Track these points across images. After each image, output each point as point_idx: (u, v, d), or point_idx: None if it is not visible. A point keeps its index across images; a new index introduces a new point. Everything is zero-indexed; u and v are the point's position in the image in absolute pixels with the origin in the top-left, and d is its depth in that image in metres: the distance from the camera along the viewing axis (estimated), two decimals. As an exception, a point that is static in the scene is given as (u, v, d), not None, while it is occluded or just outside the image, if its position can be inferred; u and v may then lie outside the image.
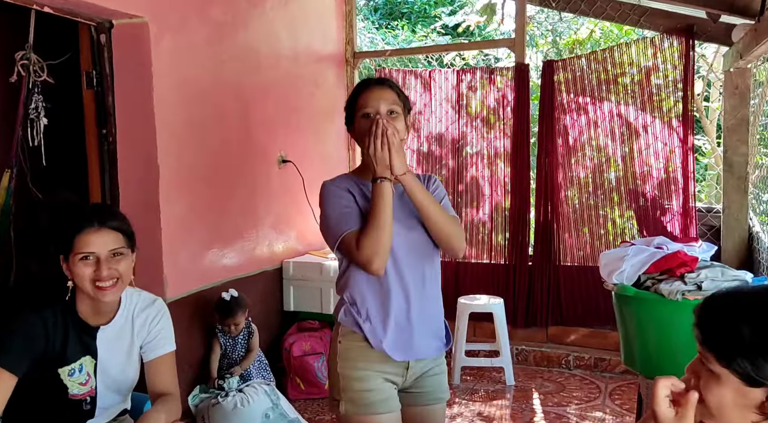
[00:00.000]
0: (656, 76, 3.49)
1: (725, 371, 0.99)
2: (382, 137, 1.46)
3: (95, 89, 2.51)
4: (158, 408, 1.53)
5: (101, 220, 1.48)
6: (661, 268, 2.15)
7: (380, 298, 1.53)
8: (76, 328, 1.54)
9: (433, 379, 1.61)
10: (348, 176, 1.67)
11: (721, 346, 1.00)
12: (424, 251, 1.57)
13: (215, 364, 2.85)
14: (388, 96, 1.54)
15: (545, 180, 3.72)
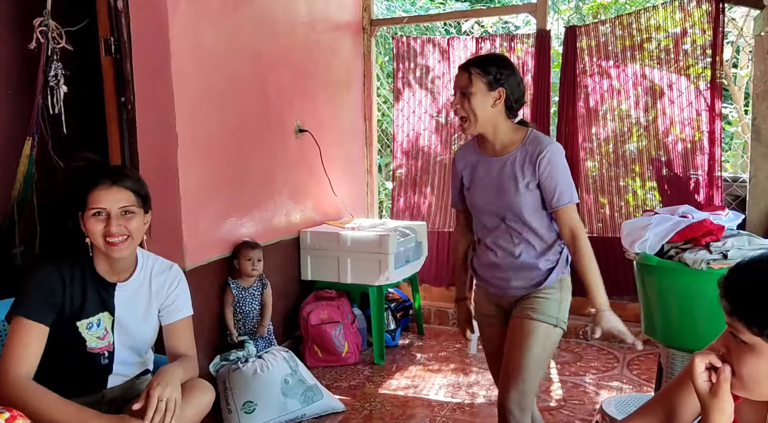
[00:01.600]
0: (684, 41, 3.38)
1: (758, 340, 0.97)
2: None
3: (113, 56, 2.50)
4: (176, 364, 1.56)
5: (114, 179, 1.52)
6: (685, 237, 2.11)
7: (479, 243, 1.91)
8: (95, 283, 1.58)
9: (527, 299, 1.80)
10: (472, 143, 1.91)
11: (754, 314, 0.97)
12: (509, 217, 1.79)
13: (230, 317, 2.86)
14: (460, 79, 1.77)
15: (565, 149, 3.64)
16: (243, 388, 2.55)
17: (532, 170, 1.75)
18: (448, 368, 3.25)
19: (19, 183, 2.68)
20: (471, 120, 1.75)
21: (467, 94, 1.73)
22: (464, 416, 2.70)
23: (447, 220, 3.96)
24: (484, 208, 1.83)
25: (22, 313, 1.47)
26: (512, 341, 1.79)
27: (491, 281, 1.88)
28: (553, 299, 1.80)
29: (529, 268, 1.80)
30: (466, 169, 1.87)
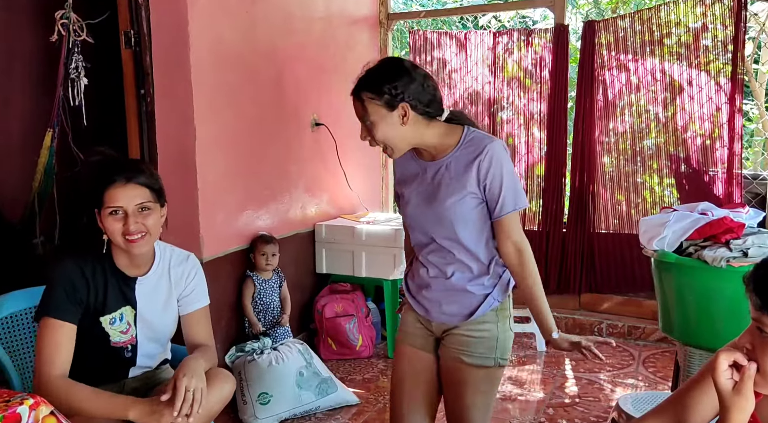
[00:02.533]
0: (704, 36, 3.34)
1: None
2: None
3: (133, 49, 2.52)
4: (197, 355, 1.58)
5: (128, 176, 1.52)
6: (705, 234, 2.09)
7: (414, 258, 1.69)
8: (116, 278, 1.59)
9: (458, 337, 1.59)
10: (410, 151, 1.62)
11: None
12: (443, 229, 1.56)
13: (249, 309, 2.87)
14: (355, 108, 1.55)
15: (582, 146, 3.63)
16: (258, 380, 2.58)
17: (472, 176, 1.50)
18: (462, 363, 3.25)
19: (39, 174, 2.72)
20: (389, 146, 1.53)
21: (369, 124, 1.51)
22: (478, 411, 2.70)
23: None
24: (416, 220, 1.61)
25: (50, 313, 1.50)
26: (451, 389, 1.62)
27: (420, 301, 1.65)
28: (489, 336, 1.57)
29: (461, 291, 1.57)
30: (403, 178, 1.66)
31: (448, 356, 1.61)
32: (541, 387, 2.95)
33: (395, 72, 1.51)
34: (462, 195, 1.52)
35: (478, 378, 1.58)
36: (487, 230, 1.57)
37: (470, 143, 1.54)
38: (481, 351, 1.57)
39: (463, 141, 1.55)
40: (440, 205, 1.54)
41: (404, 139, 1.53)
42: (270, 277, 2.95)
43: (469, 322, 1.57)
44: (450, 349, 1.61)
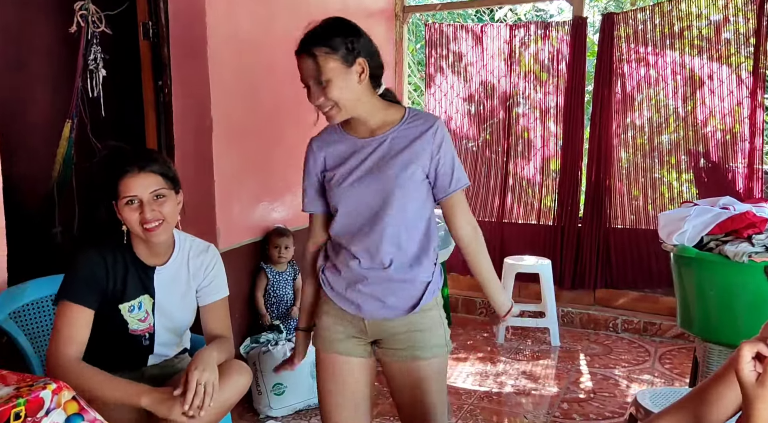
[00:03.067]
0: (726, 29, 3.28)
1: None
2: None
3: (151, 40, 2.53)
4: (212, 346, 1.58)
5: (141, 165, 1.53)
6: (726, 229, 2.06)
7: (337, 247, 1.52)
8: (135, 267, 1.60)
9: (405, 336, 1.48)
10: (334, 128, 1.54)
11: None
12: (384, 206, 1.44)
13: (261, 301, 2.88)
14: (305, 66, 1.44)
15: (598, 140, 3.59)
16: (273, 371, 2.59)
17: (423, 150, 1.43)
18: (476, 357, 3.24)
19: (58, 165, 2.75)
20: (340, 106, 1.41)
21: (323, 82, 1.39)
22: (491, 405, 2.70)
23: (478, 207, 3.94)
24: (355, 203, 1.46)
25: (69, 297, 1.51)
26: (407, 391, 1.51)
27: (351, 298, 1.48)
28: (436, 322, 1.50)
29: (402, 281, 1.46)
30: (330, 158, 1.51)
31: (399, 357, 1.49)
32: (555, 382, 2.93)
33: (349, 27, 1.45)
34: (410, 169, 1.43)
35: (435, 370, 1.50)
36: (429, 210, 1.50)
37: (416, 118, 1.48)
38: (434, 341, 1.50)
39: (408, 116, 1.48)
40: (386, 179, 1.43)
41: (358, 100, 1.42)
42: (284, 269, 2.96)
43: (413, 314, 1.47)
44: (399, 351, 1.49)
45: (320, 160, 1.54)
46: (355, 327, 1.51)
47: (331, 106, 1.41)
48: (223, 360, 1.59)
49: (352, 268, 1.47)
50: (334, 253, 1.53)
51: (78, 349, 1.49)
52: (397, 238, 1.45)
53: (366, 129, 1.48)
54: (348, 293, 1.49)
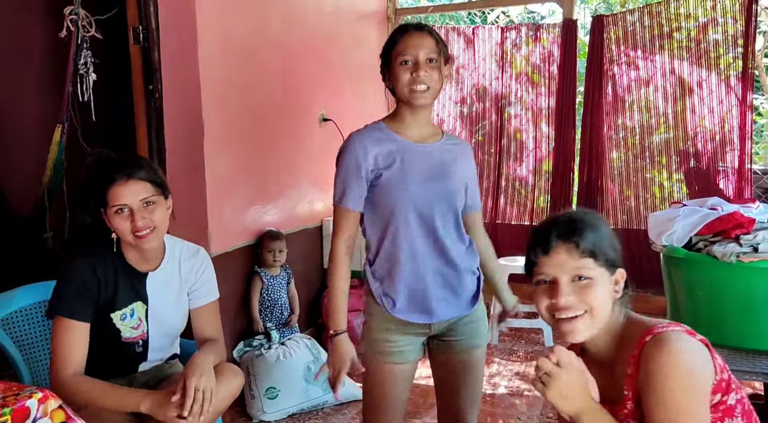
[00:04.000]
0: (714, 30, 3.31)
1: None
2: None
3: (142, 45, 2.52)
4: (206, 350, 1.59)
5: (129, 173, 1.52)
6: (714, 229, 2.08)
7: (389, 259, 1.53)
8: (127, 274, 1.60)
9: (465, 327, 1.60)
10: (379, 127, 1.58)
11: None
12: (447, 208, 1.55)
13: (255, 305, 2.88)
14: (427, 43, 1.50)
15: (590, 141, 3.61)
16: (266, 374, 2.59)
17: (462, 168, 1.59)
18: (469, 359, 3.25)
19: (49, 170, 2.74)
20: (433, 92, 1.51)
21: (436, 61, 1.50)
22: (485, 406, 2.70)
23: (469, 210, 3.95)
24: (420, 198, 1.50)
25: (63, 312, 1.51)
26: (463, 378, 1.61)
27: (423, 308, 1.52)
28: (484, 310, 1.66)
29: (465, 278, 1.57)
30: (381, 157, 1.51)
31: (461, 347, 1.60)
32: (549, 383, 2.94)
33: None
34: (462, 178, 1.59)
35: (483, 356, 1.65)
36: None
37: (452, 138, 1.66)
38: (485, 331, 1.64)
39: (446, 135, 1.64)
40: (450, 181, 1.55)
41: (436, 95, 1.54)
42: (278, 273, 2.96)
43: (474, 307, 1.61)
44: (462, 342, 1.60)
45: (371, 158, 1.51)
46: (419, 332, 1.58)
47: (427, 87, 1.49)
48: (217, 363, 1.59)
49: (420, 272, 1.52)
50: (390, 268, 1.53)
51: (76, 366, 1.50)
52: (456, 237, 1.56)
53: (419, 134, 1.56)
54: (420, 305, 1.53)
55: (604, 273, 1.14)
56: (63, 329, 1.51)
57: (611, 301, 1.15)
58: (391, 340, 1.56)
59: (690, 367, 1.02)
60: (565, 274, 1.13)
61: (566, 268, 1.13)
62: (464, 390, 1.63)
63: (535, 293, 1.19)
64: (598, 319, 1.13)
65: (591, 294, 1.12)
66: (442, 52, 1.53)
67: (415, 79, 1.48)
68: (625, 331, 1.16)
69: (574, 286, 1.12)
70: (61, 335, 1.51)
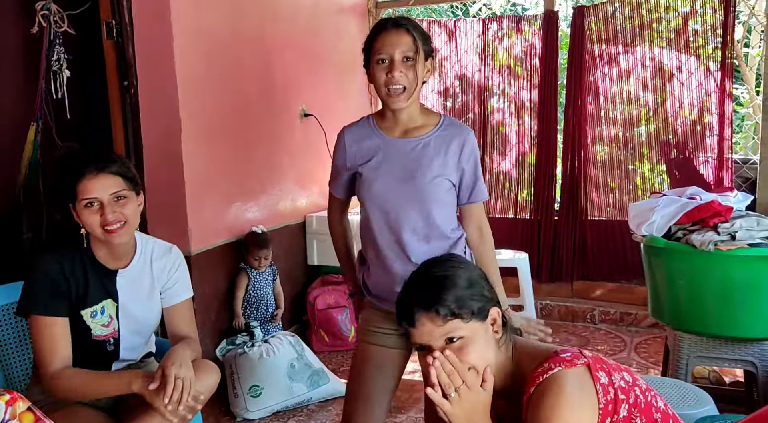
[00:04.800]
0: (694, 21, 3.32)
1: None
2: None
3: (115, 40, 2.48)
4: (184, 346, 1.56)
5: (99, 166, 1.49)
6: (693, 218, 2.08)
7: (374, 251, 1.59)
8: (96, 271, 1.57)
9: None
10: (367, 123, 1.63)
11: None
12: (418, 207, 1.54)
13: (240, 300, 2.86)
14: (404, 41, 1.49)
15: (573, 133, 3.61)
16: (249, 373, 2.57)
17: (452, 157, 1.53)
18: (455, 352, 3.25)
19: (24, 169, 2.69)
20: (412, 90, 1.49)
21: (412, 60, 1.48)
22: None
23: (453, 204, 3.94)
24: (384, 198, 1.54)
25: (39, 310, 1.49)
26: None
27: (390, 296, 1.49)
28: None
29: None
30: (362, 151, 1.57)
31: None
32: (534, 374, 2.95)
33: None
34: (442, 175, 1.53)
35: None
36: (454, 213, 1.60)
37: (450, 126, 1.58)
38: None
39: (443, 122, 1.58)
40: (421, 183, 1.51)
41: (418, 91, 1.53)
42: (264, 270, 2.94)
43: None
44: None
45: (351, 153, 1.60)
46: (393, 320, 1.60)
47: (403, 87, 1.48)
48: (194, 358, 1.57)
49: (394, 270, 1.54)
50: (371, 258, 1.60)
51: (64, 360, 1.49)
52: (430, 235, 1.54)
53: (401, 129, 1.56)
54: (388, 297, 1.53)
55: (475, 325, 1.13)
56: (42, 326, 1.49)
57: (493, 347, 1.15)
58: (370, 320, 1.63)
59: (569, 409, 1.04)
60: (436, 341, 1.12)
61: (435, 335, 1.12)
62: None
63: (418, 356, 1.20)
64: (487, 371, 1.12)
65: (469, 353, 1.10)
66: (421, 48, 1.51)
67: (390, 80, 1.48)
68: (518, 365, 1.17)
69: (451, 348, 1.10)
70: (42, 332, 1.48)
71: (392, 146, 1.55)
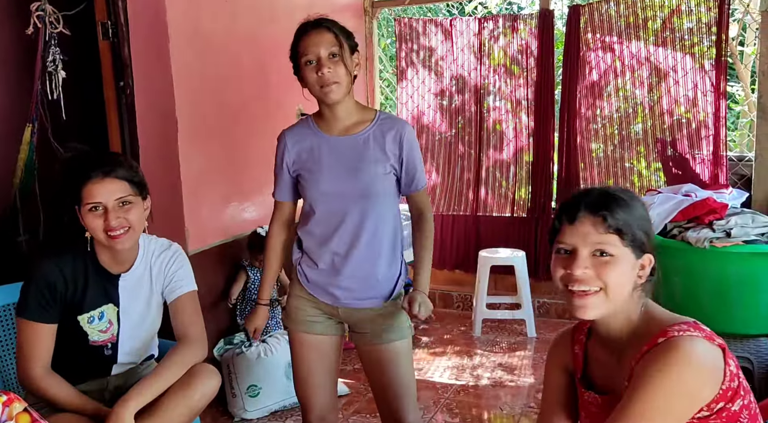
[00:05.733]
0: (688, 19, 3.33)
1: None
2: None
3: (111, 40, 2.48)
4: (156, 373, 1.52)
5: (106, 170, 1.48)
6: (688, 215, 2.09)
7: (314, 245, 1.63)
8: (98, 276, 1.57)
9: (376, 320, 1.63)
10: (306, 124, 1.67)
11: None
12: (362, 204, 1.57)
13: (235, 292, 2.85)
14: (326, 39, 1.53)
15: (568, 131, 3.62)
16: (247, 372, 2.57)
17: (393, 150, 1.57)
18: (453, 351, 3.26)
19: (20, 170, 2.68)
20: (339, 86, 1.52)
21: (338, 55, 1.51)
22: (468, 398, 2.71)
23: (452, 202, 3.95)
24: (330, 196, 1.58)
25: (27, 315, 1.50)
26: (380, 372, 1.65)
27: (329, 290, 1.62)
28: (400, 308, 1.65)
29: (376, 276, 1.60)
30: (303, 152, 1.61)
31: (372, 340, 1.64)
32: (532, 372, 2.96)
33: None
34: (385, 169, 1.57)
35: (404, 349, 1.65)
36: (396, 206, 1.63)
37: (386, 120, 1.60)
38: (404, 325, 1.65)
39: (379, 118, 1.61)
40: (365, 177, 1.55)
41: (348, 87, 1.55)
42: None
43: (387, 303, 1.63)
44: (371, 335, 1.64)
45: (293, 154, 1.63)
46: (328, 311, 1.66)
47: (335, 82, 1.51)
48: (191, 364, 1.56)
49: (330, 263, 1.60)
50: (310, 247, 1.64)
51: (42, 364, 1.50)
52: (372, 234, 1.57)
53: (341, 126, 1.59)
54: (326, 287, 1.62)
55: (628, 254, 1.07)
56: (27, 330, 1.50)
57: (630, 285, 1.09)
58: (301, 308, 1.68)
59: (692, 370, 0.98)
60: (586, 247, 1.06)
61: (588, 240, 1.06)
62: (386, 382, 1.65)
63: (553, 261, 1.13)
64: (612, 300, 1.07)
65: (609, 272, 1.05)
66: (345, 43, 1.54)
67: (321, 78, 1.51)
68: (640, 324, 1.11)
69: (594, 261, 1.06)
70: (24, 336, 1.50)
71: (333, 144, 1.58)
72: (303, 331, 1.68)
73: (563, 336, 1.26)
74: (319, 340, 1.68)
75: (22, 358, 1.50)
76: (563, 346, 1.24)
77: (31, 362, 1.49)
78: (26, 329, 1.50)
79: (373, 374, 1.68)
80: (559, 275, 1.10)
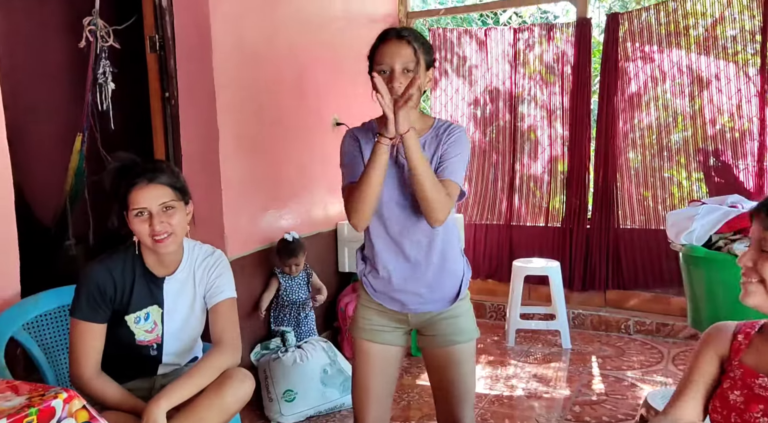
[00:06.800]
0: (732, 26, 3.26)
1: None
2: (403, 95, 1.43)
3: (158, 53, 2.57)
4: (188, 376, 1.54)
5: (150, 177, 1.55)
6: (734, 227, 2.05)
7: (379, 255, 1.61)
8: (145, 278, 1.63)
9: (443, 323, 1.63)
10: (370, 122, 1.67)
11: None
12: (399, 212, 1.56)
13: (266, 301, 2.89)
14: (404, 52, 1.51)
15: (605, 141, 3.58)
16: (283, 377, 2.60)
17: (442, 148, 1.55)
18: (486, 360, 3.24)
19: (70, 178, 2.80)
20: (416, 101, 1.51)
21: (412, 71, 1.50)
22: (503, 408, 2.69)
23: (485, 212, 3.94)
24: (394, 202, 1.57)
25: (79, 315, 1.58)
26: (444, 373, 1.65)
27: (395, 297, 1.61)
28: (469, 308, 1.66)
29: (443, 279, 1.61)
30: (368, 151, 1.56)
31: (440, 343, 1.64)
32: (567, 384, 2.92)
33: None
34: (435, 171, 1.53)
35: (469, 351, 1.66)
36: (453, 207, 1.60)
37: (444, 126, 1.60)
38: (471, 327, 1.66)
39: (436, 124, 1.61)
40: None
41: (418, 102, 1.54)
42: (297, 275, 2.97)
43: (454, 304, 1.63)
44: (441, 337, 1.64)
45: (366, 153, 1.57)
46: (397, 319, 1.66)
47: (408, 95, 1.46)
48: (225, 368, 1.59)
49: (395, 269, 1.59)
50: (372, 256, 1.63)
51: (92, 364, 1.57)
52: (432, 235, 1.57)
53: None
54: (392, 293, 1.61)
55: None
56: (78, 331, 1.57)
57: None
58: (367, 317, 1.67)
59: None
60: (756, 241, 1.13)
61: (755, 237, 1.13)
62: (450, 386, 1.65)
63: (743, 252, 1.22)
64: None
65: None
66: (422, 59, 1.53)
67: (390, 91, 1.48)
68: None
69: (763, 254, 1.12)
70: (76, 336, 1.58)
71: (397, 149, 1.56)
72: (368, 340, 1.67)
73: (726, 324, 1.29)
74: (384, 349, 1.67)
75: (74, 359, 1.58)
76: (724, 332, 1.26)
77: (82, 363, 1.56)
78: (79, 328, 1.57)
79: (436, 375, 1.68)
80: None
